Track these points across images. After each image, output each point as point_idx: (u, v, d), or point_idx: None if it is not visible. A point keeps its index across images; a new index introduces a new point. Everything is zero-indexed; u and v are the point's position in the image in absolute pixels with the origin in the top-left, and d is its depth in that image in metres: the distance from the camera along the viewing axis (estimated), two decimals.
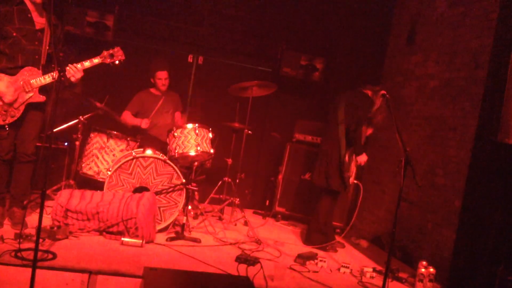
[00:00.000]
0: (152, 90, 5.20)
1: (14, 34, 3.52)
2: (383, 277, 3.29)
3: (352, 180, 4.54)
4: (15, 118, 3.57)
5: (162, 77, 5.08)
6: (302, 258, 3.94)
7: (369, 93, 4.49)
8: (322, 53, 5.87)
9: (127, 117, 5.01)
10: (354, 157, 4.47)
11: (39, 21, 3.63)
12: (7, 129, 3.57)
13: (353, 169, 4.51)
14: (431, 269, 3.76)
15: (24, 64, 3.57)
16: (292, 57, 5.77)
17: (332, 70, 5.95)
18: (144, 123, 4.94)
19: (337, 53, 6.04)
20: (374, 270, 3.92)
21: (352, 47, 6.01)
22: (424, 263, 3.80)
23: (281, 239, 4.65)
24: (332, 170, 4.44)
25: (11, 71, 3.55)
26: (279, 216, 5.52)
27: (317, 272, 3.78)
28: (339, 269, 3.92)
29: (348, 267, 3.91)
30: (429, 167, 4.66)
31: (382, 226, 5.30)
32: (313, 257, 4.02)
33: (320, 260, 3.93)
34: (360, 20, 5.97)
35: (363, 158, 4.47)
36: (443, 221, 4.34)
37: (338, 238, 4.86)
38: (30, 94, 3.58)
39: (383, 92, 4.08)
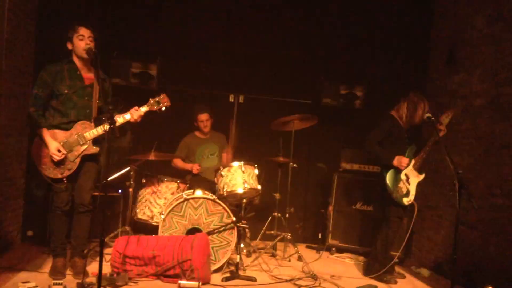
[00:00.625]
0: (197, 133, 5.36)
1: (66, 91, 3.74)
2: None
3: (409, 200, 4.37)
4: (72, 171, 3.75)
5: (203, 119, 5.25)
6: None
7: (394, 113, 4.51)
8: (361, 81, 5.86)
9: (178, 163, 5.22)
10: (403, 175, 4.35)
11: (88, 76, 3.85)
12: (65, 181, 3.75)
13: (403, 188, 4.33)
14: None
15: (76, 118, 3.78)
16: (331, 87, 5.80)
17: (374, 97, 5.91)
18: (195, 169, 5.09)
19: (377, 79, 6.00)
20: None
21: (391, 72, 5.96)
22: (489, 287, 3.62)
23: (337, 273, 4.55)
24: (377, 196, 4.40)
25: (65, 126, 3.76)
26: (333, 249, 5.42)
27: None
28: None
29: None
30: (485, 187, 4.49)
31: (442, 252, 5.10)
32: None
33: None
34: (398, 43, 5.95)
35: (396, 162, 4.29)
36: (506, 242, 4.14)
37: (397, 269, 4.72)
38: (85, 147, 3.76)
39: (428, 115, 4.04)
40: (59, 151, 3.66)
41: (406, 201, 4.32)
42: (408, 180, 4.35)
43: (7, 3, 3.85)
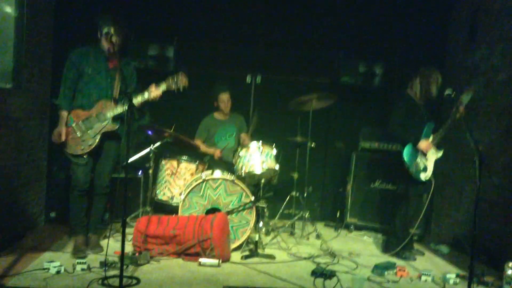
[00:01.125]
0: (216, 114, 5.37)
1: (90, 72, 3.85)
2: (467, 282, 3.15)
3: (426, 176, 4.34)
4: (92, 147, 3.84)
5: (225, 99, 5.25)
6: (380, 269, 3.86)
7: (409, 91, 4.47)
8: (380, 58, 5.79)
9: (201, 145, 5.25)
10: (421, 151, 4.32)
11: (112, 60, 3.94)
12: (85, 157, 3.84)
13: (420, 164, 4.30)
14: None
15: (98, 99, 3.87)
16: (350, 65, 5.74)
17: (393, 74, 5.84)
18: (216, 155, 5.12)
19: (396, 56, 5.92)
20: (457, 275, 3.76)
21: (411, 48, 5.86)
22: (510, 264, 3.59)
23: (356, 250, 4.57)
24: (398, 174, 4.42)
25: (88, 106, 3.86)
26: (352, 227, 5.43)
27: (396, 282, 3.69)
28: (419, 277, 3.79)
29: (429, 275, 3.77)
30: (507, 164, 4.42)
31: (462, 229, 5.07)
32: (391, 267, 3.92)
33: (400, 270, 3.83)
34: (417, 19, 5.83)
35: (422, 145, 4.29)
36: None
37: (416, 246, 4.72)
38: (105, 123, 3.84)
39: (448, 92, 3.97)
40: (60, 136, 3.79)
41: (423, 176, 4.31)
42: (426, 156, 4.32)
43: None
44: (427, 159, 4.33)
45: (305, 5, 5.84)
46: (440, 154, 4.41)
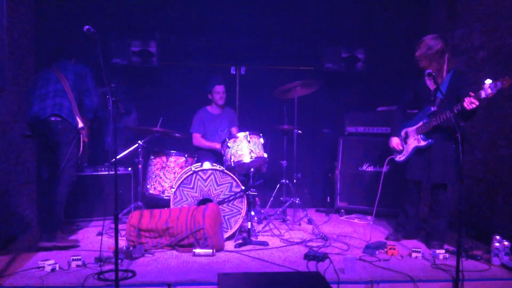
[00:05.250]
0: (209, 108, 5.38)
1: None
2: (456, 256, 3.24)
3: (399, 158, 4.36)
4: None
5: (220, 91, 5.27)
6: (371, 248, 3.94)
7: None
8: (362, 43, 5.84)
9: (201, 140, 5.28)
10: (403, 132, 4.36)
11: None
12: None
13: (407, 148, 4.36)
14: (506, 243, 3.64)
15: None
16: (332, 51, 5.79)
17: (375, 58, 5.91)
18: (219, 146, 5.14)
19: (378, 40, 5.98)
20: (447, 251, 3.85)
21: (392, 31, 5.93)
22: (497, 237, 3.68)
23: (347, 233, 4.65)
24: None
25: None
26: (342, 211, 5.51)
27: (388, 260, 3.77)
28: (410, 255, 3.88)
29: (419, 251, 3.85)
30: (490, 140, 4.52)
31: (451, 207, 5.16)
32: (382, 246, 4.01)
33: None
34: (397, 2, 5.89)
35: (390, 142, 4.41)
36: None
37: None
38: None
39: (428, 71, 3.98)
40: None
41: (396, 156, 4.39)
42: (406, 140, 4.32)
43: None
44: (406, 143, 4.32)
45: None
46: (422, 143, 4.16)
